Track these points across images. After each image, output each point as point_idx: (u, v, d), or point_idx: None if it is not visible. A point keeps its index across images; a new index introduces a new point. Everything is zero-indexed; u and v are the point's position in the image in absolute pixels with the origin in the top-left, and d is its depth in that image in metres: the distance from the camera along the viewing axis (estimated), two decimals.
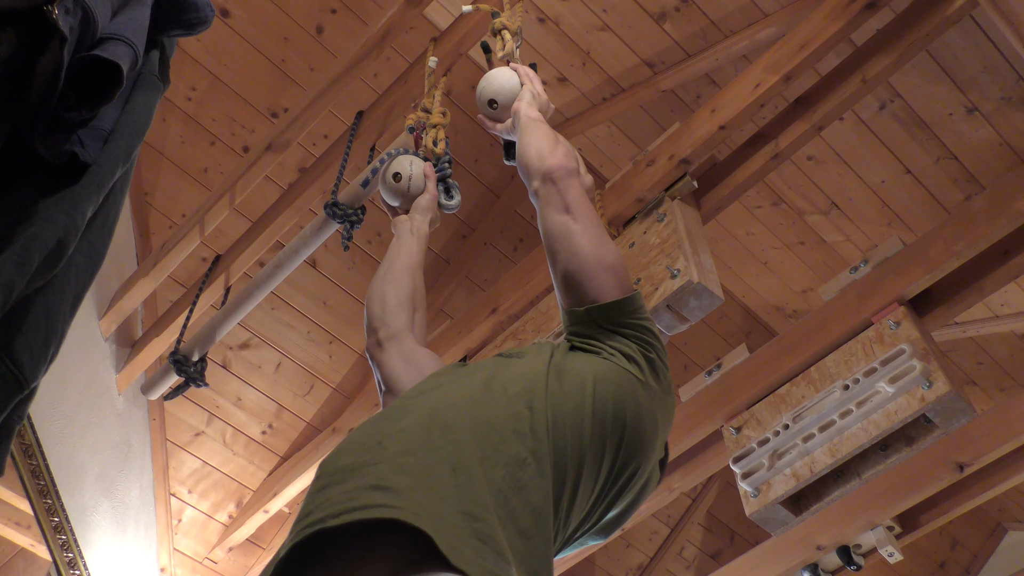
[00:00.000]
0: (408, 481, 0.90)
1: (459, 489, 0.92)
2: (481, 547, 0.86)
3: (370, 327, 1.52)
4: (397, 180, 1.72)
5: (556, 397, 1.09)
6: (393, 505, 0.86)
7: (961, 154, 3.30)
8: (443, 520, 0.87)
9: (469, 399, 1.07)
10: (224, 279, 3.14)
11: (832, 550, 2.64)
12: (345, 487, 0.90)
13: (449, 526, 0.86)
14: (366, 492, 0.88)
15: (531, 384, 1.10)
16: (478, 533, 0.88)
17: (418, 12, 2.64)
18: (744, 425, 2.53)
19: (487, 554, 0.86)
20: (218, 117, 3.47)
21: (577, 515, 1.09)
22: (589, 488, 1.09)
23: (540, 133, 1.48)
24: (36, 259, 0.97)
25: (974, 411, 2.14)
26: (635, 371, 1.19)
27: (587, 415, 1.09)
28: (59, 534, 2.95)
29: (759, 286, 3.99)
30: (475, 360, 3.02)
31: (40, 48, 0.98)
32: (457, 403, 1.06)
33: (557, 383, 1.12)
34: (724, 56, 3.19)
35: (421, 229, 1.67)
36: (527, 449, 1.01)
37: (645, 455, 1.17)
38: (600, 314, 1.24)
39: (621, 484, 1.15)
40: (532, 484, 0.98)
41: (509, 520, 0.93)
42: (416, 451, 0.96)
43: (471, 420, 1.02)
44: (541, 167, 1.40)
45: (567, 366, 1.16)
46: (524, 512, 0.95)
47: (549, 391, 1.09)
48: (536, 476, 0.99)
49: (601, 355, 1.20)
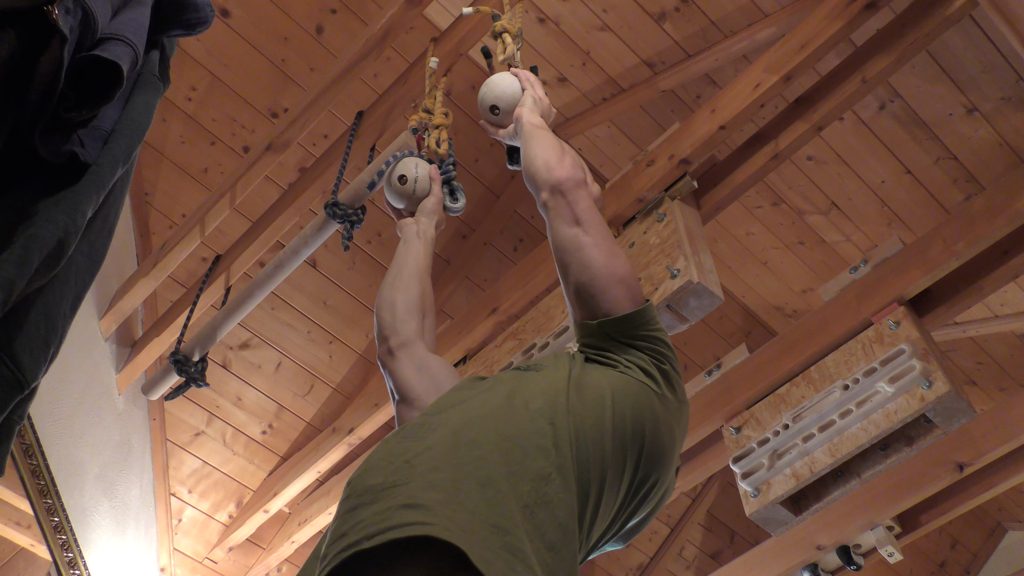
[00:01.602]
0: (438, 497, 0.92)
1: (488, 503, 0.93)
2: (512, 560, 0.88)
3: (381, 335, 1.51)
4: (403, 182, 1.72)
5: (577, 412, 1.10)
6: (426, 522, 0.87)
7: (961, 154, 3.30)
8: (474, 534, 0.88)
9: (492, 415, 1.08)
10: (224, 279, 3.14)
11: (832, 550, 2.65)
12: (376, 508, 0.91)
13: (480, 540, 0.87)
14: (399, 512, 0.89)
15: (552, 400, 1.11)
16: (508, 547, 0.89)
17: (418, 12, 2.64)
18: (744, 425, 2.53)
19: (517, 567, 0.88)
20: (218, 117, 3.47)
21: (600, 527, 1.10)
22: (611, 501, 1.10)
23: (545, 143, 1.47)
24: (36, 259, 0.97)
25: (974, 411, 2.13)
26: (651, 384, 1.20)
27: (608, 430, 1.10)
28: (59, 534, 2.95)
29: (759, 286, 3.99)
30: (476, 361, 3.02)
31: (40, 48, 0.98)
32: (480, 419, 1.07)
33: (578, 398, 1.12)
34: (724, 56, 3.19)
35: (428, 232, 1.67)
36: (552, 464, 1.01)
37: (664, 466, 1.18)
38: (613, 327, 1.24)
39: (642, 495, 1.15)
40: (557, 499, 0.99)
41: (537, 534, 0.94)
42: (444, 467, 0.97)
43: (496, 436, 1.03)
44: (549, 179, 1.39)
45: (586, 381, 1.16)
46: (551, 526, 0.96)
47: (570, 406, 1.10)
48: (561, 491, 1.00)
49: (618, 368, 1.20)
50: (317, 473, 3.56)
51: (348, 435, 3.40)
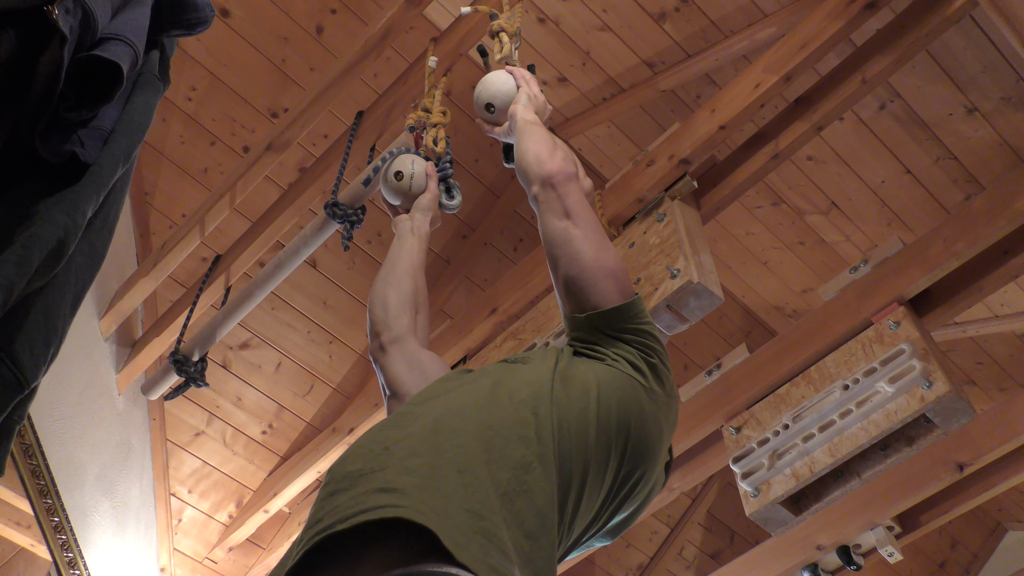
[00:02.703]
0: (414, 481, 0.92)
1: (465, 489, 0.93)
2: (486, 544, 0.88)
3: (373, 331, 1.52)
4: (399, 179, 1.73)
5: (561, 403, 1.10)
6: (398, 505, 0.87)
7: (961, 154, 3.30)
8: (449, 518, 0.88)
9: (475, 405, 1.08)
10: (224, 279, 3.14)
11: (832, 550, 2.65)
12: (352, 493, 0.91)
13: (454, 523, 0.87)
14: (373, 495, 0.90)
15: (536, 390, 1.11)
16: (483, 531, 0.89)
17: (418, 12, 2.64)
18: (744, 425, 2.53)
19: (492, 551, 0.87)
20: (218, 117, 3.47)
21: (582, 520, 1.09)
22: (595, 493, 1.10)
23: (537, 137, 1.48)
24: (36, 259, 0.97)
25: (974, 411, 2.14)
26: (638, 377, 1.20)
27: (591, 421, 1.10)
28: (59, 534, 2.95)
29: (759, 286, 3.99)
30: (476, 361, 3.02)
31: (40, 48, 0.98)
32: (463, 408, 1.07)
33: (563, 389, 1.12)
34: (724, 56, 3.19)
35: (422, 228, 1.67)
36: (533, 453, 1.01)
37: (650, 460, 1.17)
38: (601, 320, 1.24)
39: (627, 489, 1.15)
40: (537, 487, 0.99)
41: (515, 522, 0.94)
42: (422, 453, 0.97)
43: (477, 425, 1.03)
44: (540, 172, 1.39)
45: (572, 372, 1.17)
46: (530, 514, 0.96)
47: (554, 397, 1.10)
48: (542, 479, 1.00)
49: (605, 361, 1.20)
50: (317, 473, 3.56)
51: (348, 435, 3.40)
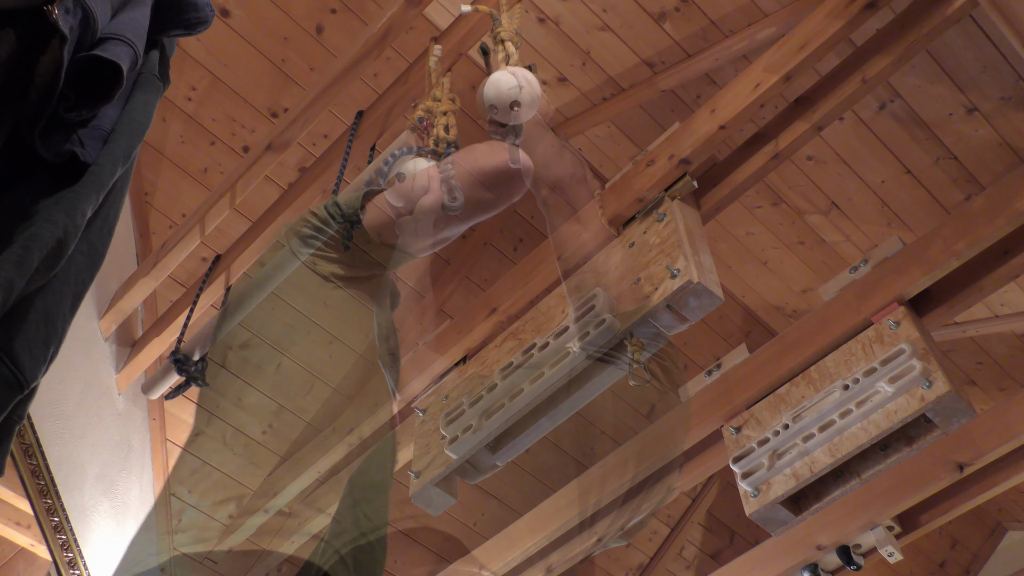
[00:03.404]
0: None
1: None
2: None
3: None
4: (402, 181, 1.73)
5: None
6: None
7: (961, 154, 3.30)
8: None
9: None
10: (224, 279, 3.14)
11: (832, 550, 2.64)
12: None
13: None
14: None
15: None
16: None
17: (418, 12, 2.64)
18: (744, 425, 2.53)
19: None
20: (218, 117, 3.47)
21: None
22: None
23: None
24: (36, 259, 0.97)
25: (974, 411, 2.13)
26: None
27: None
28: (59, 534, 2.95)
29: (759, 286, 3.99)
30: (476, 361, 3.02)
31: (40, 48, 0.98)
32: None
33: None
34: (724, 56, 3.19)
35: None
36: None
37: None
38: None
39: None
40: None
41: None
42: None
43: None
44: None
45: None
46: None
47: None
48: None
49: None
50: (317, 473, 3.56)
51: (348, 435, 3.40)
